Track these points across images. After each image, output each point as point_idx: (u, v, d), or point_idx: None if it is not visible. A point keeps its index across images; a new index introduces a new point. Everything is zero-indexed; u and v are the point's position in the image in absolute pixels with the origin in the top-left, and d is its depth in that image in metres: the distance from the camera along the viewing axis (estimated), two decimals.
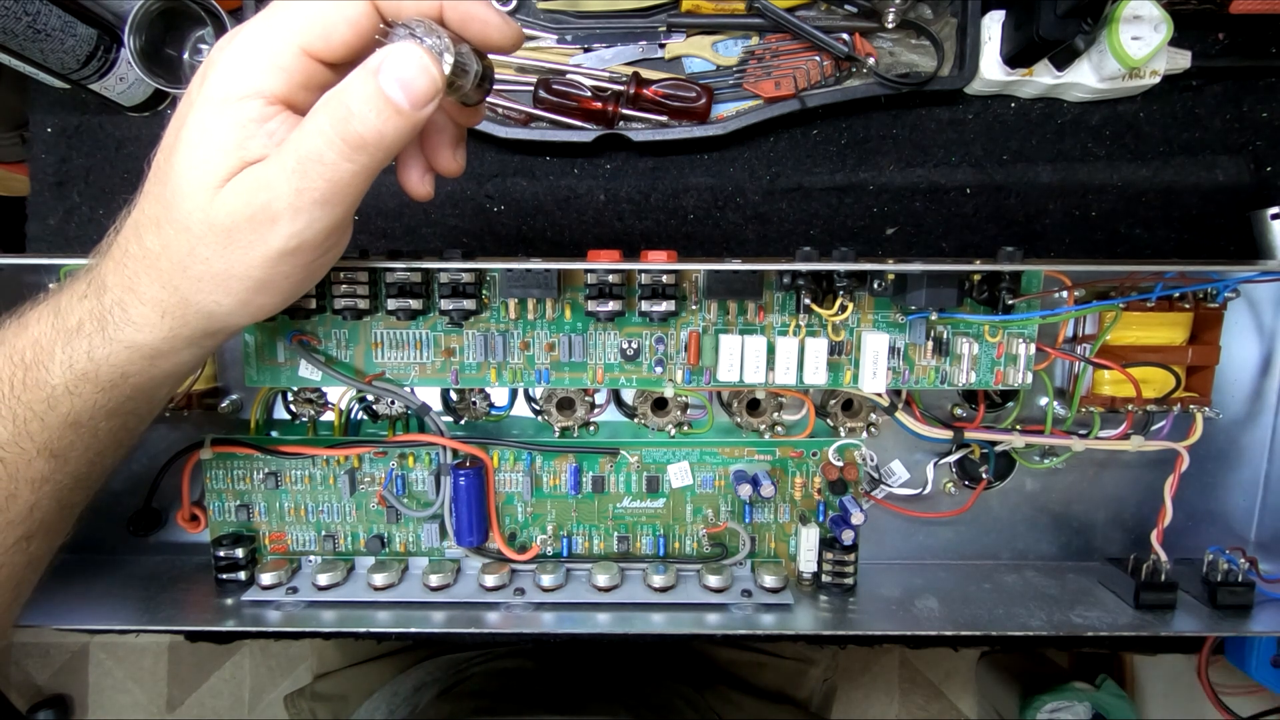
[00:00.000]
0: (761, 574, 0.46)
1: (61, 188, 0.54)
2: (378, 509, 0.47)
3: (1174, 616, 0.45)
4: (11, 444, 0.33)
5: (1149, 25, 0.46)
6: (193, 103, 0.29)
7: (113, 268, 0.32)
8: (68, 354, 0.32)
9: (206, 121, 0.28)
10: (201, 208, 0.29)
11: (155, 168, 0.31)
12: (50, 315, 0.33)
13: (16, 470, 0.34)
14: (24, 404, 0.33)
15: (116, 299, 0.32)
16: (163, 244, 0.30)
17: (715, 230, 0.54)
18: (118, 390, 0.34)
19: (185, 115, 0.30)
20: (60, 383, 0.33)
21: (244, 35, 0.29)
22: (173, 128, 0.30)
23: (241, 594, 0.46)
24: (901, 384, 0.45)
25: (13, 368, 0.32)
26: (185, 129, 0.29)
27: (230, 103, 0.28)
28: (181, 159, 0.29)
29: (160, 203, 0.30)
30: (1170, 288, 0.45)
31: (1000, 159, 0.53)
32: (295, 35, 0.28)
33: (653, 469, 0.47)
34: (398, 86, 0.27)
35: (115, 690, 1.45)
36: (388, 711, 0.69)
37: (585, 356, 0.45)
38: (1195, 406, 0.47)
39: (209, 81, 0.29)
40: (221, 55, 0.29)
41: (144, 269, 0.31)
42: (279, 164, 0.28)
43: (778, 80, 0.50)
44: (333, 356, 0.45)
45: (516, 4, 0.51)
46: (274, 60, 0.28)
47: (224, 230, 0.29)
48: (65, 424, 0.34)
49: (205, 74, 0.29)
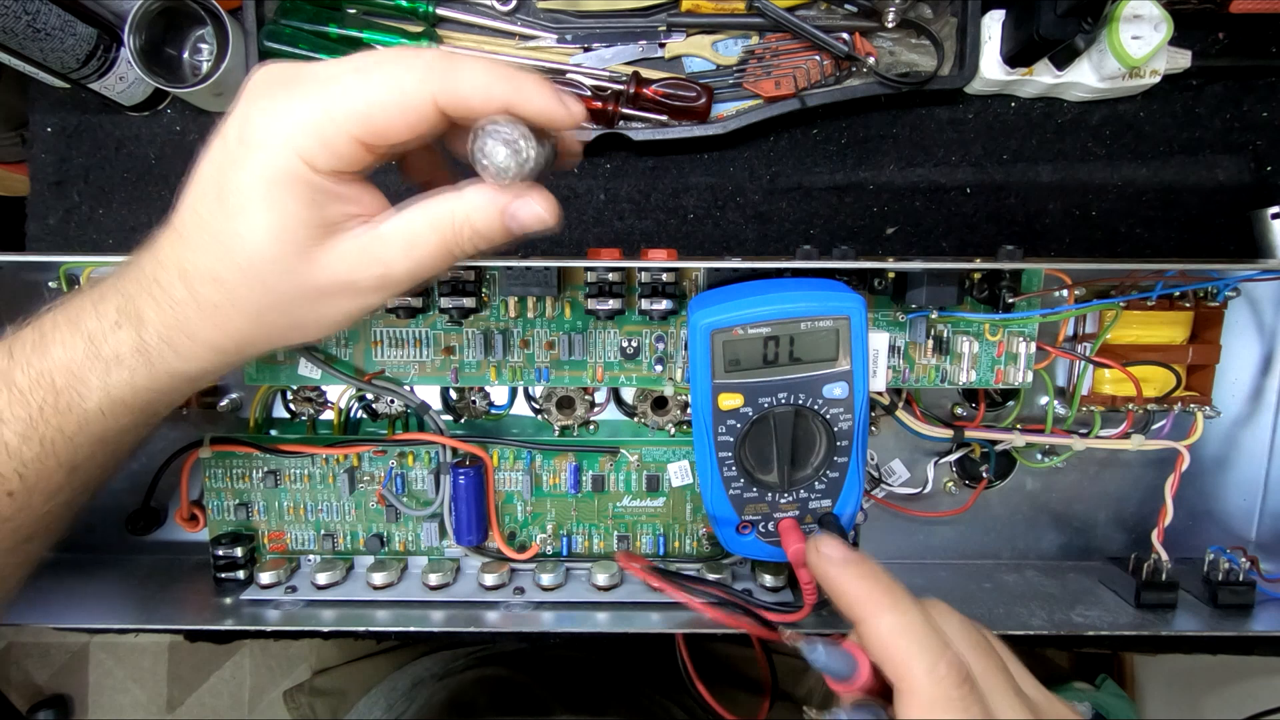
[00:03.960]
0: (761, 573, 0.46)
1: (61, 187, 0.54)
2: (377, 508, 0.47)
3: (1175, 616, 0.45)
4: (35, 462, 0.33)
5: (1149, 25, 0.46)
6: (240, 165, 0.29)
7: (151, 304, 0.31)
8: (105, 381, 0.32)
9: (271, 196, 0.28)
10: (290, 272, 0.30)
11: (201, 221, 0.30)
12: (79, 340, 0.32)
13: (35, 484, 0.34)
14: (53, 427, 0.33)
15: (163, 336, 0.32)
16: (228, 298, 0.30)
17: (715, 229, 0.54)
18: (151, 409, 0.34)
19: (231, 175, 0.29)
20: (95, 407, 0.33)
21: (300, 105, 0.28)
22: (214, 182, 0.30)
23: (240, 593, 0.46)
24: (902, 383, 0.45)
25: (43, 392, 0.32)
26: (242, 195, 0.29)
27: (293, 180, 0.28)
28: (251, 228, 0.29)
29: (219, 259, 0.30)
30: (1170, 287, 0.45)
31: (1000, 159, 0.53)
32: (353, 127, 0.28)
33: (653, 468, 0.47)
34: (517, 226, 0.31)
35: (115, 690, 1.45)
36: (386, 706, 0.69)
37: (585, 355, 0.45)
38: (1196, 405, 0.47)
39: (260, 147, 0.28)
40: (272, 119, 0.28)
41: (198, 315, 0.31)
42: (391, 246, 0.30)
43: (778, 80, 0.50)
44: (332, 355, 0.45)
45: (516, 4, 0.51)
46: (328, 145, 0.28)
47: (318, 292, 0.31)
48: (93, 442, 0.34)
49: (251, 132, 0.29)
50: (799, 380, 0.38)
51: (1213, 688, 0.97)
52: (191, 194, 0.30)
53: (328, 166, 0.28)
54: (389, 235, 0.30)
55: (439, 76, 0.28)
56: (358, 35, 0.50)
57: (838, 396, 0.39)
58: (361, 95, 0.28)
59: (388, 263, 0.30)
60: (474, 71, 0.28)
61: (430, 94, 0.28)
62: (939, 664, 0.28)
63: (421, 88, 0.28)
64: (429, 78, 0.28)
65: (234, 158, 0.29)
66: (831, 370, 0.38)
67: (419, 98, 0.28)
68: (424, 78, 0.28)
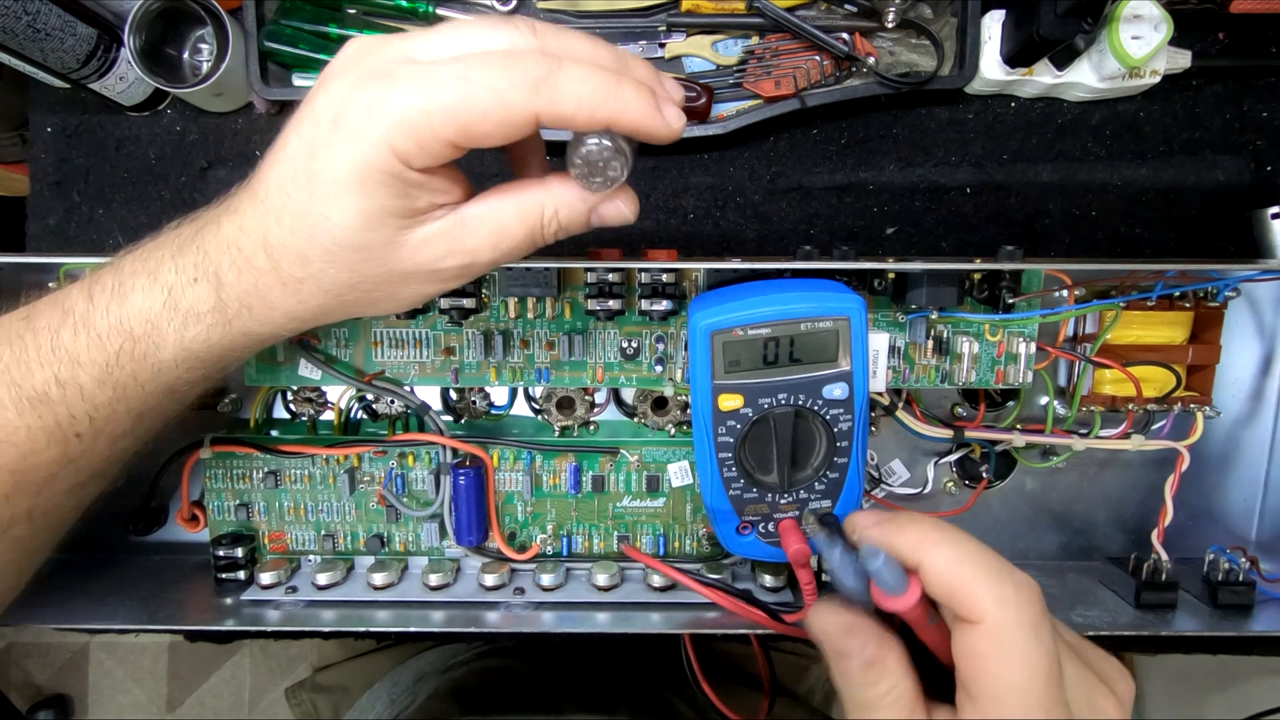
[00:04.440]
0: (761, 574, 0.46)
1: (61, 187, 0.54)
2: (377, 508, 0.47)
3: (1175, 616, 0.45)
4: (106, 406, 0.34)
5: (1149, 25, 0.46)
6: (333, 150, 0.29)
7: (231, 268, 0.32)
8: (181, 335, 0.33)
9: (363, 187, 0.29)
10: (376, 258, 0.31)
11: (287, 198, 0.30)
12: (158, 292, 0.33)
13: (103, 428, 0.35)
14: (128, 373, 0.33)
15: (242, 300, 0.32)
16: (311, 275, 0.31)
17: (715, 230, 0.54)
18: (221, 363, 0.35)
19: (323, 160, 0.29)
20: (169, 358, 0.33)
21: (399, 102, 0.28)
22: (304, 161, 0.30)
23: (241, 593, 0.46)
24: (902, 383, 0.45)
25: (120, 339, 0.33)
26: (333, 183, 0.29)
27: (385, 174, 0.29)
28: (341, 214, 0.29)
29: (306, 240, 0.30)
30: (1170, 287, 0.45)
31: (1000, 159, 0.53)
32: (451, 133, 0.28)
33: (653, 468, 0.47)
34: (601, 222, 0.33)
35: (115, 690, 1.45)
36: (389, 701, 0.69)
37: (585, 356, 0.45)
38: (1196, 406, 0.47)
39: (355, 138, 0.28)
40: (369, 113, 0.28)
41: (279, 286, 0.32)
42: (476, 235, 0.31)
43: (778, 80, 0.50)
44: (332, 355, 0.45)
45: (516, 4, 0.51)
46: (423, 146, 0.28)
47: (402, 276, 0.32)
48: (162, 391, 0.35)
49: (346, 118, 0.28)
50: (799, 381, 0.38)
51: (1213, 688, 0.97)
52: (279, 169, 0.30)
53: (421, 164, 0.29)
54: (476, 225, 0.31)
55: (545, 97, 0.28)
56: (358, 35, 0.50)
57: (838, 397, 0.39)
58: (463, 102, 0.27)
59: (473, 251, 0.31)
60: (578, 85, 0.28)
61: (534, 113, 0.28)
62: (1005, 586, 0.27)
63: (524, 101, 0.28)
64: (534, 97, 0.28)
65: (327, 142, 0.29)
66: (831, 371, 0.38)
67: (520, 112, 0.28)
68: (528, 93, 0.27)
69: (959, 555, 0.28)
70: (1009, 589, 0.27)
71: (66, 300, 0.34)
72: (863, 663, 0.29)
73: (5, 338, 0.34)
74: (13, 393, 0.33)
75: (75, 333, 0.33)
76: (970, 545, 0.28)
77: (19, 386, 0.33)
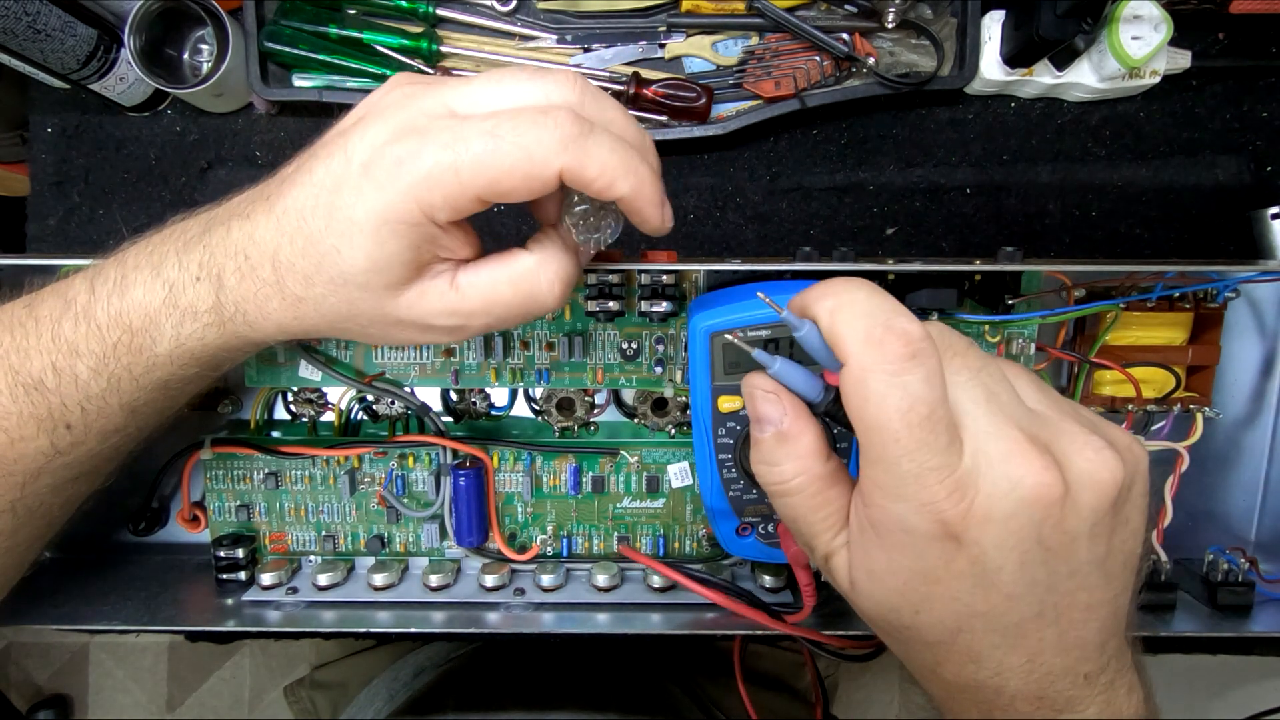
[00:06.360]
0: (761, 574, 0.46)
1: (61, 188, 0.54)
2: (378, 509, 0.47)
3: (1174, 616, 0.45)
4: (99, 398, 0.34)
5: (1149, 25, 0.46)
6: (358, 193, 0.29)
7: (235, 273, 0.32)
8: (178, 331, 0.33)
9: (380, 233, 0.29)
10: (375, 299, 0.31)
11: (304, 225, 0.30)
12: (159, 287, 0.33)
13: (94, 420, 0.35)
14: (123, 365, 0.34)
15: (240, 306, 0.32)
16: (312, 298, 0.32)
17: (715, 230, 0.54)
18: (215, 362, 0.35)
19: (346, 199, 0.29)
20: (165, 352, 0.34)
21: (430, 158, 0.28)
22: (327, 195, 0.30)
23: (242, 594, 0.46)
24: None
25: (119, 331, 0.33)
26: (352, 223, 0.29)
27: (406, 225, 0.29)
28: (352, 252, 0.30)
29: (314, 266, 0.31)
30: (1170, 288, 0.45)
31: (1000, 159, 0.53)
32: (479, 189, 0.29)
33: (653, 469, 0.47)
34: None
35: (115, 690, 1.45)
36: (387, 698, 0.69)
37: (585, 357, 0.45)
38: (1195, 406, 0.47)
39: (382, 187, 0.29)
40: (400, 166, 0.29)
41: (279, 300, 0.32)
42: (469, 301, 0.32)
43: (778, 80, 0.50)
44: (332, 356, 0.46)
45: (516, 4, 0.51)
46: (450, 201, 0.29)
47: (396, 321, 0.32)
48: (156, 386, 0.35)
49: (377, 165, 0.29)
50: None
51: (1212, 688, 0.97)
52: (302, 192, 0.30)
53: (445, 218, 0.29)
54: (469, 292, 0.32)
55: (571, 156, 0.28)
56: (358, 36, 0.50)
57: None
58: (493, 160, 0.28)
59: (467, 315, 0.32)
60: (606, 153, 0.29)
61: (558, 170, 0.28)
62: (875, 329, 0.25)
63: (552, 162, 0.28)
64: (561, 155, 0.28)
65: (355, 185, 0.29)
66: None
67: (547, 172, 0.28)
68: (556, 153, 0.28)
69: (840, 302, 0.27)
70: (878, 331, 0.25)
71: (69, 290, 0.34)
72: (777, 434, 0.29)
73: (7, 324, 0.34)
74: (9, 379, 0.33)
75: (76, 323, 0.33)
76: (858, 293, 0.27)
77: (16, 372, 0.33)
